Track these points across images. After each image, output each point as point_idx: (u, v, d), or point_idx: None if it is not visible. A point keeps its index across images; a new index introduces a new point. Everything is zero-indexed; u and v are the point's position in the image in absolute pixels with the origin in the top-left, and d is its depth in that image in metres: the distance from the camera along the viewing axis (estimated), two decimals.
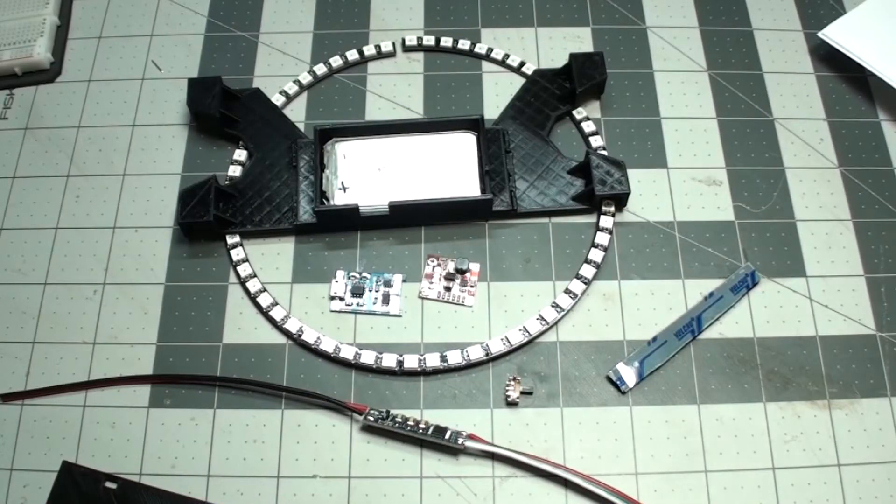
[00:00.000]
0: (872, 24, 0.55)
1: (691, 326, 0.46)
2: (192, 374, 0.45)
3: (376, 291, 0.48)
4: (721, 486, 0.42)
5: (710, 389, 0.45)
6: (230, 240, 0.49)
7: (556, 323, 0.47)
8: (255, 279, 0.48)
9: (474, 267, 0.48)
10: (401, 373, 0.45)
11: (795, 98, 0.54)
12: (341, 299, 0.47)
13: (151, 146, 0.53)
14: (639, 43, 0.56)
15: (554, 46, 0.56)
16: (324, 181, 0.49)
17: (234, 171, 0.51)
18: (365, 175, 0.50)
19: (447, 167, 0.50)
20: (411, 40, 0.56)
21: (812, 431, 0.44)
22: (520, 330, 0.46)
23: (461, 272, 0.48)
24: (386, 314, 0.47)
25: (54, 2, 0.57)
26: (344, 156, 0.50)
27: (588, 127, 0.52)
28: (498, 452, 0.42)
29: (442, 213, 0.49)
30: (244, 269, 0.48)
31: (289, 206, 0.50)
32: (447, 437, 0.42)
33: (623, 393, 0.45)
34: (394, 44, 0.56)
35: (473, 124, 0.51)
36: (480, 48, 0.55)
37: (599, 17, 0.58)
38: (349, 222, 0.49)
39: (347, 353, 0.45)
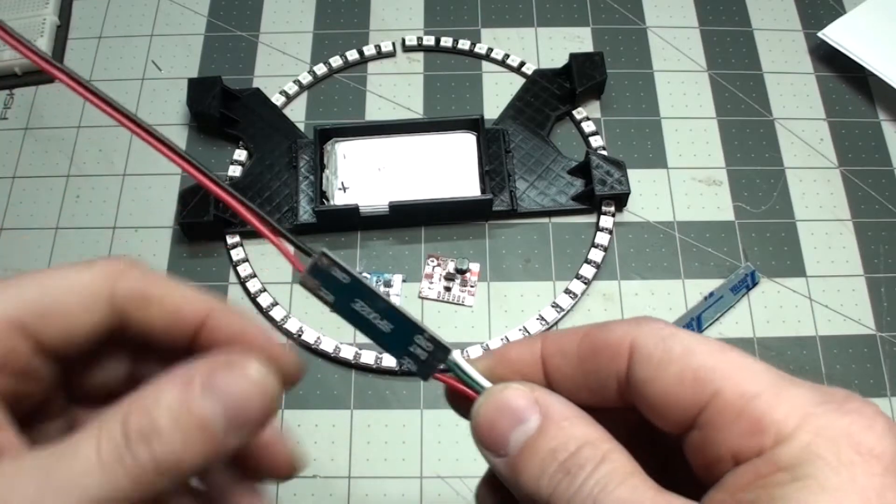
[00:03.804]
0: (872, 24, 0.55)
1: (691, 326, 0.46)
2: None
3: None
4: None
5: None
6: (230, 240, 0.49)
7: (556, 323, 0.47)
8: (255, 279, 0.48)
9: (474, 267, 0.48)
10: (401, 373, 0.45)
11: (795, 98, 0.54)
12: None
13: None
14: (639, 43, 0.56)
15: (554, 46, 0.56)
16: (324, 181, 0.49)
17: (234, 171, 0.51)
18: (365, 175, 0.50)
19: (447, 167, 0.50)
20: (411, 40, 0.56)
21: None
22: (520, 330, 0.46)
23: (461, 272, 0.48)
24: None
25: (54, 2, 0.57)
26: (344, 156, 0.50)
27: (588, 127, 0.52)
28: None
29: (442, 213, 0.49)
30: (244, 269, 0.48)
31: (289, 206, 0.50)
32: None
33: None
34: (394, 44, 0.56)
35: (473, 124, 0.51)
36: (480, 48, 0.55)
37: (599, 17, 0.58)
38: (349, 222, 0.49)
39: (347, 353, 0.45)
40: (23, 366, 0.22)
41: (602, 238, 0.48)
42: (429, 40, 0.56)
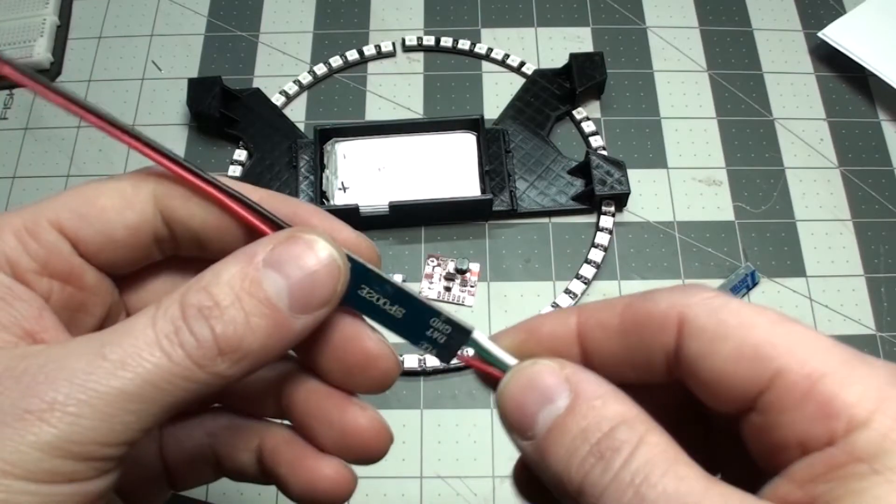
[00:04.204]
0: (872, 24, 0.55)
1: None
2: None
3: None
4: None
5: None
6: None
7: None
8: None
9: (474, 267, 0.48)
10: (401, 373, 0.45)
11: (795, 98, 0.54)
12: None
13: None
14: (639, 43, 0.56)
15: (554, 46, 0.56)
16: (324, 181, 0.49)
17: (234, 171, 0.51)
18: (365, 175, 0.50)
19: (447, 167, 0.50)
20: (411, 40, 0.56)
21: None
22: None
23: (461, 272, 0.48)
24: None
25: (54, 2, 0.57)
26: (344, 156, 0.50)
27: (588, 127, 0.52)
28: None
29: (442, 213, 0.49)
30: None
31: None
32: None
33: None
34: (394, 44, 0.56)
35: (473, 124, 0.51)
36: (480, 48, 0.55)
37: (599, 17, 0.58)
38: (349, 222, 0.49)
39: None
40: (65, 268, 0.20)
41: (602, 238, 0.48)
42: (429, 40, 0.56)
